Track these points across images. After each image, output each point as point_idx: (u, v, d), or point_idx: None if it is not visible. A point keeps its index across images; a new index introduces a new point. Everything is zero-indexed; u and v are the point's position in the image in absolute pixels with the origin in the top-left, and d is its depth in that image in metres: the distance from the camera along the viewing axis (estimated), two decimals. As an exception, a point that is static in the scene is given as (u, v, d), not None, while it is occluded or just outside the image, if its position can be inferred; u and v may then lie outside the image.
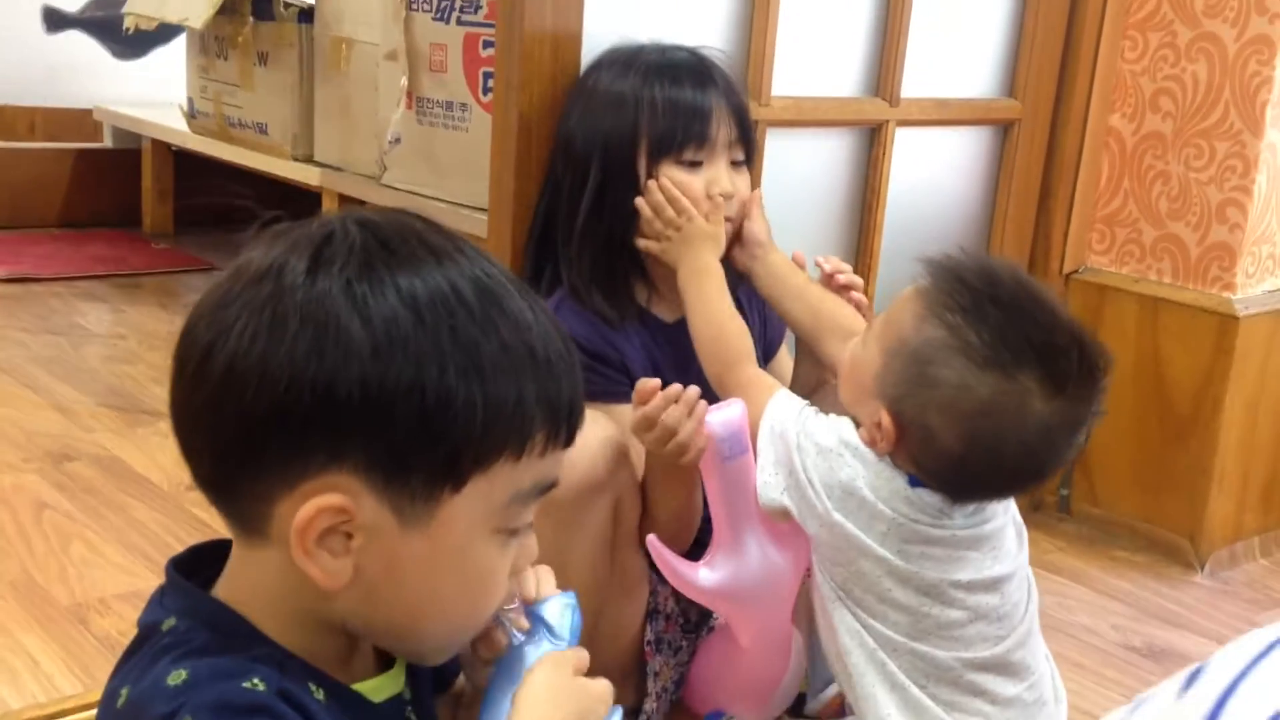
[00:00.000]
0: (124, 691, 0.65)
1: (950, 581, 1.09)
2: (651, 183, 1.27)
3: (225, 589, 0.70)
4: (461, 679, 0.83)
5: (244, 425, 0.63)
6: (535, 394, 0.66)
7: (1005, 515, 1.14)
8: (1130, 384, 1.96)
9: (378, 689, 0.73)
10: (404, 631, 0.70)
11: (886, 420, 1.06)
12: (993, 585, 1.11)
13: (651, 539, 1.15)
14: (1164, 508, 1.94)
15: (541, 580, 0.79)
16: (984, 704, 1.10)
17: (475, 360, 0.64)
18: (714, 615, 1.38)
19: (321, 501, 0.63)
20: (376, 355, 0.62)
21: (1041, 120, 1.95)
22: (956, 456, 1.05)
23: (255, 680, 0.63)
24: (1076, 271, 2.02)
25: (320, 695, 0.67)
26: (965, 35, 1.85)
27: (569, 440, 0.70)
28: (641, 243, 1.29)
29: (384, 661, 0.76)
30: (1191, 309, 1.89)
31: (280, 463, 0.64)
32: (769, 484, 1.12)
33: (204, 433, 0.66)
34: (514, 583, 0.73)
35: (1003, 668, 1.11)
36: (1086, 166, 1.98)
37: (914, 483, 1.08)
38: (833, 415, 1.13)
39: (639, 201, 1.27)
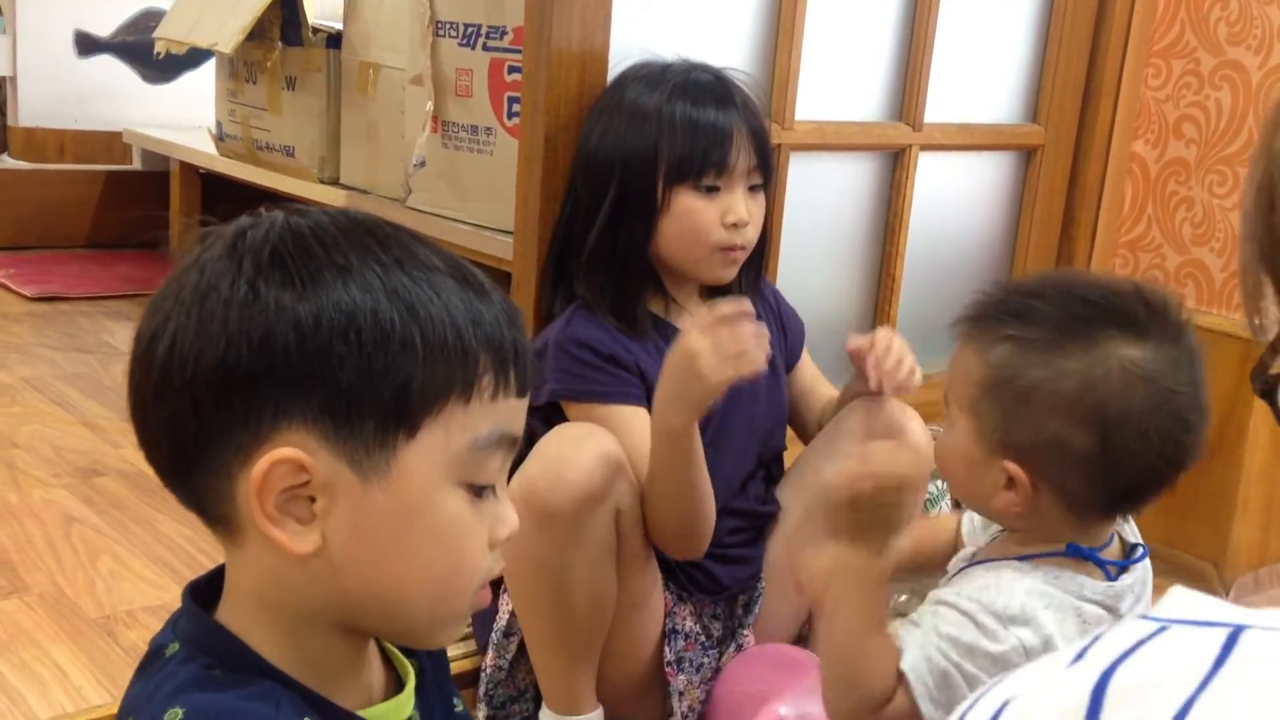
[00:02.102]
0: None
1: None
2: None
3: (225, 608, 0.70)
4: None
5: (191, 396, 0.64)
6: (474, 333, 0.66)
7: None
8: (1153, 409, 1.96)
9: (384, 715, 0.72)
10: (390, 604, 0.69)
11: (1013, 468, 0.96)
12: None
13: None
14: (1188, 533, 1.93)
15: None
16: None
17: (407, 301, 0.65)
18: (741, 633, 1.38)
19: (274, 455, 0.63)
20: (308, 305, 0.64)
21: (1065, 146, 1.95)
22: (1098, 451, 0.94)
23: None
24: (1099, 297, 2.02)
25: None
26: (989, 61, 1.86)
27: (521, 388, 0.70)
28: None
29: (396, 686, 0.75)
30: (1215, 334, 1.89)
31: (230, 429, 0.64)
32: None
33: (157, 417, 0.66)
34: (495, 559, 0.71)
35: None
36: (1110, 192, 1.99)
37: (1073, 551, 0.98)
38: (956, 602, 0.96)
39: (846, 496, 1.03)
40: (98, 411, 2.19)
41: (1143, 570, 1.03)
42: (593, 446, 1.19)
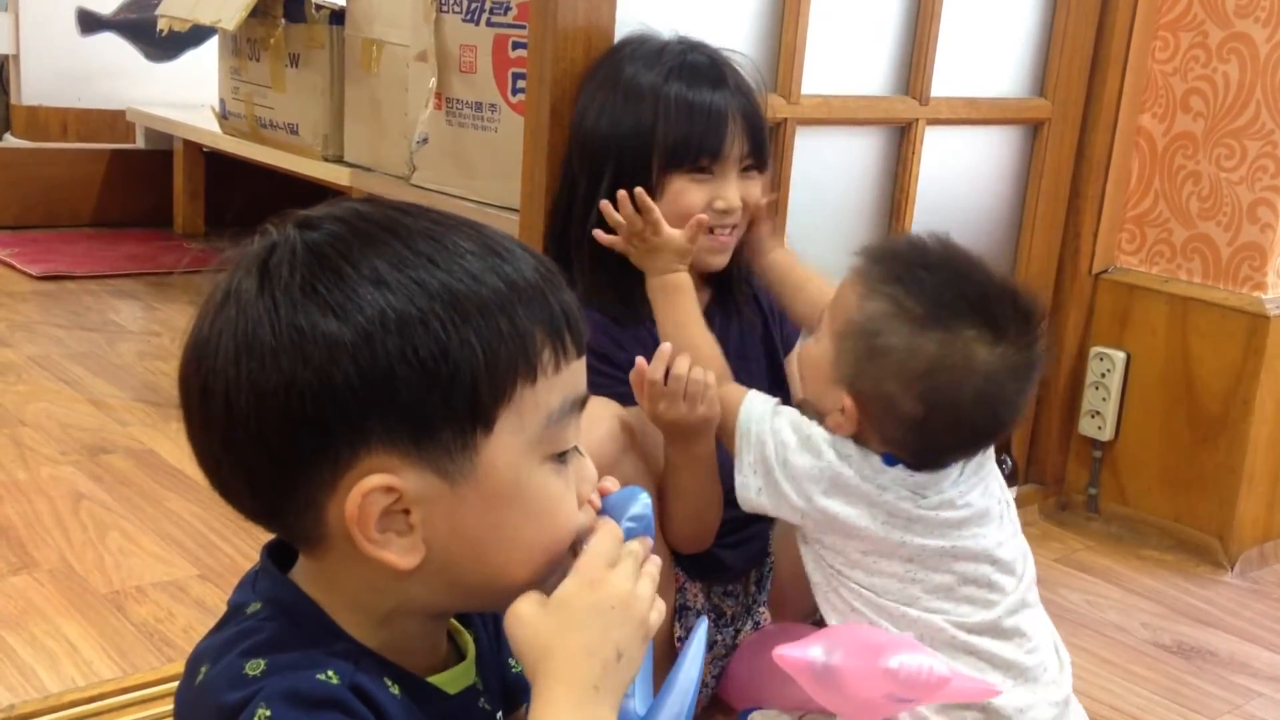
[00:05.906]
0: (203, 669, 0.67)
1: (935, 549, 1.13)
2: (621, 193, 1.23)
3: (307, 584, 0.70)
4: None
5: (262, 449, 0.64)
6: (525, 314, 0.66)
7: (987, 498, 1.16)
8: (1160, 384, 1.96)
9: (452, 680, 0.74)
10: (495, 586, 0.70)
11: (848, 402, 1.12)
12: (981, 555, 1.14)
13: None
14: (1193, 507, 1.94)
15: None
16: (980, 662, 1.13)
17: (455, 304, 0.64)
18: (757, 610, 1.38)
19: (364, 486, 0.64)
20: (359, 337, 0.63)
21: (1072, 120, 1.95)
22: (919, 419, 1.09)
23: (329, 673, 0.64)
24: (1106, 271, 2.02)
25: (395, 690, 0.67)
26: (995, 34, 1.85)
27: (578, 348, 0.70)
28: (601, 235, 1.26)
29: (457, 653, 0.77)
30: (1222, 309, 1.89)
31: (310, 469, 0.65)
32: (747, 484, 1.16)
33: (231, 471, 0.67)
34: (585, 513, 0.73)
35: (996, 632, 1.14)
36: (1116, 166, 1.98)
37: (889, 460, 1.13)
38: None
39: (603, 204, 1.25)
40: (105, 389, 2.20)
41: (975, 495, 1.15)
42: (606, 417, 1.19)
